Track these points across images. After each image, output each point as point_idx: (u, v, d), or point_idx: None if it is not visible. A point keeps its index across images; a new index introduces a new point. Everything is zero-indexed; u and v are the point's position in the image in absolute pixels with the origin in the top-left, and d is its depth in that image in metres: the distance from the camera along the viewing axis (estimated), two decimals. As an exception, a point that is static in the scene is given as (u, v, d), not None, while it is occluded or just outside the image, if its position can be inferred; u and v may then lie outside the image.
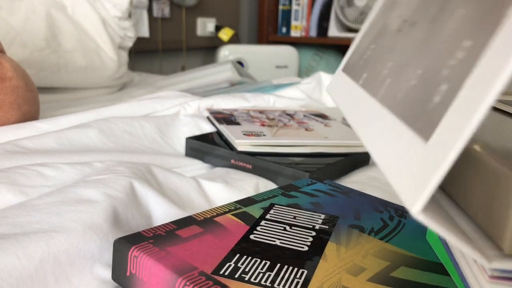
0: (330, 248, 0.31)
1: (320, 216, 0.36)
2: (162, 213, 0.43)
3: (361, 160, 0.65)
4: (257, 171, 0.58)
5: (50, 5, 1.14)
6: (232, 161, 0.61)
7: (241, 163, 0.60)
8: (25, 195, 0.43)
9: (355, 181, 0.59)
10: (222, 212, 0.35)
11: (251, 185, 0.54)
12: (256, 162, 0.58)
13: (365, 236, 0.33)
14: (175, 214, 0.43)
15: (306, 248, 0.30)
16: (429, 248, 0.32)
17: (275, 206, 0.37)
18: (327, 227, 0.34)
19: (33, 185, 0.44)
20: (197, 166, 0.63)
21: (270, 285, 0.26)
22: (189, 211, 0.46)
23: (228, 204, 0.37)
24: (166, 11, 1.80)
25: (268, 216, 0.35)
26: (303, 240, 0.32)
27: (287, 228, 0.33)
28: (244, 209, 0.36)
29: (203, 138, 0.66)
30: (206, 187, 0.51)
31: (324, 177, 0.57)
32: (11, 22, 1.05)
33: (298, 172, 0.54)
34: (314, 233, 0.33)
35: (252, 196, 0.39)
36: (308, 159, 0.60)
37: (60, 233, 0.32)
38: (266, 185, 0.56)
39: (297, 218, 0.35)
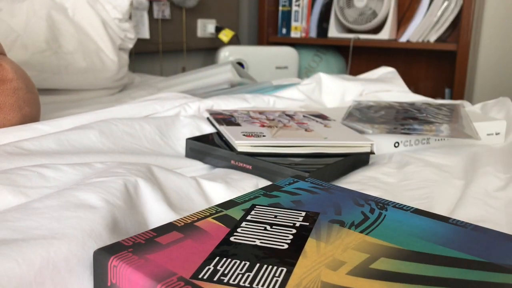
0: (310, 244, 0.31)
1: (300, 213, 0.36)
2: (158, 219, 0.43)
3: (360, 160, 0.65)
4: (257, 171, 0.58)
5: (51, 7, 1.14)
6: (232, 161, 0.61)
7: (241, 164, 0.60)
8: (25, 196, 0.43)
9: (354, 181, 0.60)
10: (202, 216, 0.35)
11: (251, 185, 0.54)
12: (256, 163, 0.59)
13: (345, 230, 0.33)
14: (173, 219, 0.43)
15: (286, 246, 0.31)
16: (410, 238, 0.32)
17: (256, 206, 0.37)
18: (307, 223, 0.34)
19: (34, 186, 0.44)
20: (197, 167, 0.63)
21: (248, 285, 0.26)
22: (188, 212, 0.47)
23: (209, 208, 0.37)
24: (167, 12, 1.80)
25: (249, 217, 0.35)
26: (283, 238, 0.32)
27: (268, 227, 0.33)
28: (225, 212, 0.36)
29: (203, 139, 0.66)
30: (206, 187, 0.51)
31: (323, 177, 0.57)
32: (12, 24, 1.05)
33: (297, 173, 0.55)
34: (294, 231, 0.33)
35: (234, 198, 0.39)
36: (307, 160, 0.60)
37: (60, 240, 0.32)
38: (266, 185, 0.56)
39: (277, 217, 0.35)
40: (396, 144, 0.73)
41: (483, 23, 2.04)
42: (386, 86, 1.10)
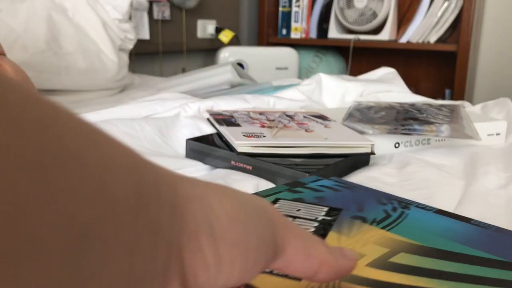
0: (331, 237, 0.31)
1: (323, 208, 0.36)
2: None
3: (361, 160, 0.65)
4: (257, 172, 0.58)
5: (51, 8, 1.14)
6: (232, 162, 0.61)
7: (241, 164, 0.60)
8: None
9: (355, 181, 0.59)
10: None
11: (251, 186, 0.54)
12: (256, 163, 0.58)
13: (367, 225, 0.33)
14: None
15: None
16: (431, 235, 0.32)
17: (280, 200, 0.38)
18: (329, 218, 0.34)
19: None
20: (198, 168, 0.63)
21: (268, 271, 0.26)
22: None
23: None
24: (167, 13, 1.80)
25: None
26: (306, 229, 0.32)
27: (290, 219, 0.34)
28: None
29: (203, 139, 0.66)
30: (206, 188, 0.51)
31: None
32: (12, 24, 1.05)
33: (298, 173, 0.55)
34: (316, 224, 0.33)
35: (259, 192, 0.40)
36: (308, 160, 0.60)
37: None
38: (266, 186, 0.56)
39: (300, 210, 0.36)
40: (397, 145, 0.73)
41: (483, 23, 2.04)
42: (386, 86, 1.10)
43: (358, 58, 2.29)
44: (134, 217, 0.13)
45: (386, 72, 1.23)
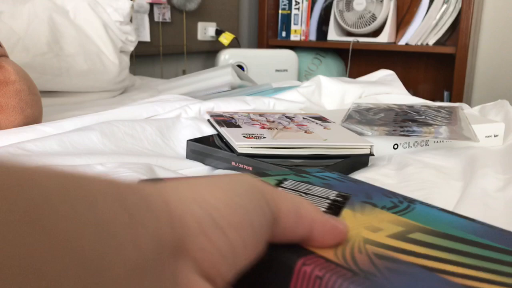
0: (346, 213, 0.31)
1: (333, 191, 0.37)
2: None
3: (360, 162, 0.65)
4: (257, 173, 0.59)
5: (52, 10, 1.15)
6: (233, 163, 0.61)
7: (241, 165, 0.60)
8: (29, 196, 0.43)
9: (354, 182, 0.60)
10: None
11: (252, 186, 0.55)
12: (256, 164, 0.59)
13: (378, 209, 0.34)
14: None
15: (323, 210, 0.31)
16: (441, 224, 0.32)
17: (289, 180, 0.38)
18: (340, 199, 0.35)
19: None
20: (198, 169, 0.63)
21: None
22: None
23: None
24: (167, 15, 1.81)
25: (282, 185, 0.36)
26: (319, 205, 0.32)
27: (303, 195, 0.34)
28: (260, 178, 0.37)
29: (203, 140, 0.67)
30: (207, 188, 0.52)
31: (323, 178, 0.58)
32: (14, 26, 1.06)
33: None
34: (329, 201, 0.33)
35: (266, 171, 0.40)
36: (307, 161, 0.60)
37: None
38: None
39: (310, 190, 0.36)
40: (395, 146, 0.73)
41: (482, 26, 2.05)
42: (385, 88, 1.11)
43: (357, 61, 2.30)
44: (132, 234, 0.14)
45: (385, 74, 1.23)
